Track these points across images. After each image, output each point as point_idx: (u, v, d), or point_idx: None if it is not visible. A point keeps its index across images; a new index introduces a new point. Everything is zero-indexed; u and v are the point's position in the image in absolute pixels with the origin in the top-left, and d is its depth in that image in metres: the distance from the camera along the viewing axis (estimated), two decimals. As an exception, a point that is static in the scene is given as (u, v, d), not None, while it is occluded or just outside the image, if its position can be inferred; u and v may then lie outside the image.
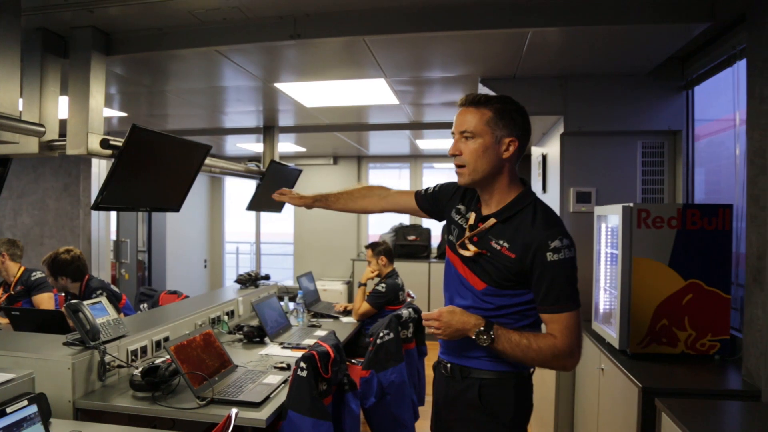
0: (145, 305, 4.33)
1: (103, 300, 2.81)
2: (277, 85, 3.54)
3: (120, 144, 2.50)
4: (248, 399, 2.36)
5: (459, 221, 1.84)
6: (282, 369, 2.84)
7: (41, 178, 6.14)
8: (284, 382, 2.60)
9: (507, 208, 1.71)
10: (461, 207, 1.86)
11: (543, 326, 1.72)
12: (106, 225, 6.20)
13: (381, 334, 3.13)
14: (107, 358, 2.56)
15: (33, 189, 6.18)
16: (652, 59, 3.01)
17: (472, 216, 1.79)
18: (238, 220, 9.08)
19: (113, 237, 6.44)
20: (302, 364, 2.32)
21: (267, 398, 2.41)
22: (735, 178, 2.60)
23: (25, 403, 1.76)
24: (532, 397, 1.81)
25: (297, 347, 3.31)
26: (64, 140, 2.57)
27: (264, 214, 8.73)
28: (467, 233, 1.75)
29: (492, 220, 1.71)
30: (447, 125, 5.39)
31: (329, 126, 5.17)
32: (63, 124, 2.60)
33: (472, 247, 1.72)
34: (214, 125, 5.28)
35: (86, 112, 2.52)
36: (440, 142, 6.50)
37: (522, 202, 1.70)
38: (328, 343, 2.54)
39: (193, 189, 3.01)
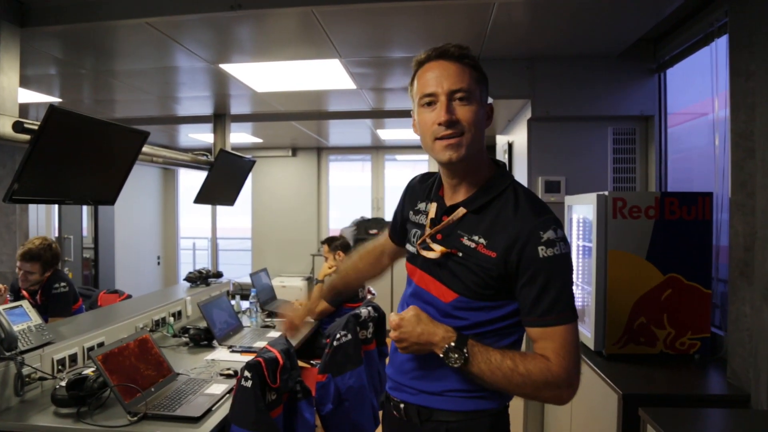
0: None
1: (25, 304, 2.51)
2: (223, 66, 3.25)
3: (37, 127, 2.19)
4: (186, 413, 2.09)
5: (418, 220, 1.50)
6: (229, 376, 2.58)
7: (-26, 170, 5.67)
8: (230, 391, 2.35)
9: (480, 194, 1.35)
10: (419, 204, 1.51)
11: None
12: (47, 220, 5.77)
13: (338, 336, 2.89)
14: (26, 370, 2.26)
15: (-36, 182, 5.71)
16: (622, 40, 2.85)
17: (433, 207, 1.43)
18: (194, 214, 8.70)
19: (55, 233, 6.01)
20: (246, 373, 2.06)
21: (208, 411, 2.15)
22: (714, 165, 2.44)
23: None
24: None
25: (247, 350, 3.04)
26: (-29, 123, 2.23)
27: (221, 208, 8.38)
28: (428, 230, 1.40)
29: (461, 210, 1.35)
30: (408, 113, 5.17)
31: (285, 114, 4.88)
32: None
33: (437, 247, 1.35)
34: (166, 113, 4.94)
35: (-6, 91, 2.20)
36: (402, 132, 6.28)
37: (499, 185, 1.35)
38: (276, 348, 2.29)
39: (144, 182, 2.72)
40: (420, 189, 1.56)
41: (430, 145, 1.35)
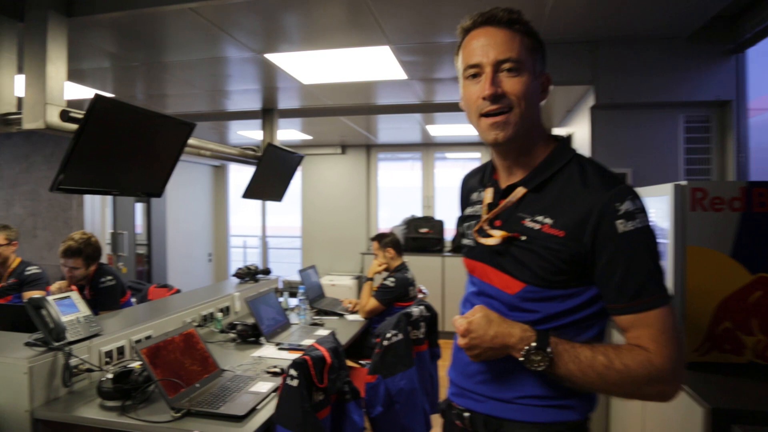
0: (134, 300, 4.01)
1: (74, 295, 2.50)
2: (269, 56, 3.18)
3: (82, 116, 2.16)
4: (230, 411, 2.01)
5: (473, 212, 1.36)
6: (275, 374, 2.50)
7: (33, 167, 5.86)
8: (276, 390, 2.26)
9: (539, 171, 1.21)
10: (473, 196, 1.38)
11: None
12: (102, 216, 5.91)
13: (388, 335, 2.77)
14: (74, 361, 2.24)
15: (25, 179, 5.89)
16: (695, 18, 2.62)
17: (488, 192, 1.30)
18: (245, 213, 8.78)
19: (110, 229, 6.14)
20: (292, 372, 1.97)
21: (253, 410, 2.06)
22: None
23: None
24: None
25: (295, 348, 2.96)
26: (21, 114, 2.23)
27: (271, 207, 8.42)
28: (485, 216, 1.27)
29: (520, 190, 1.21)
30: (457, 106, 4.98)
31: (333, 109, 4.80)
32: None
33: (496, 232, 1.21)
34: (215, 108, 4.95)
35: (43, 81, 2.18)
36: (452, 128, 6.11)
37: (560, 158, 1.21)
38: (324, 347, 2.19)
39: (195, 179, 2.68)
40: (472, 182, 1.42)
41: (475, 123, 1.22)
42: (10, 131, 2.28)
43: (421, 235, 7.03)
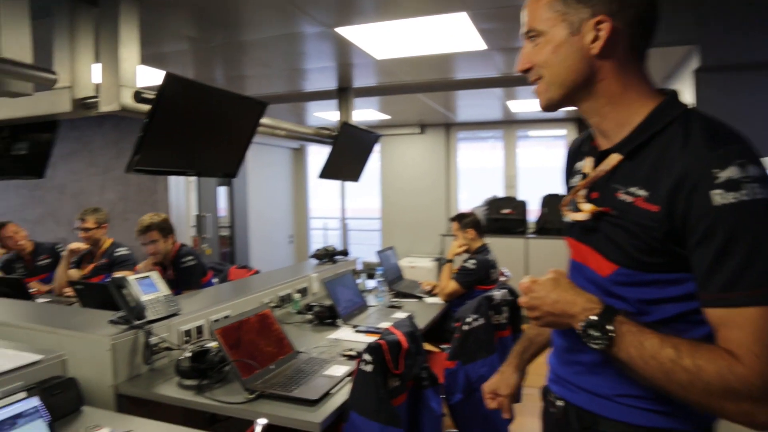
0: (216, 280, 4.09)
1: (153, 275, 2.54)
2: (340, 30, 3.08)
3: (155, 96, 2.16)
4: (303, 395, 1.96)
5: (573, 183, 1.21)
6: (351, 357, 2.43)
7: (122, 153, 6.14)
8: (351, 374, 2.19)
9: (636, 133, 1.02)
10: (576, 165, 1.23)
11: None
12: (186, 199, 6.12)
13: (468, 320, 2.65)
14: (154, 339, 2.28)
15: (116, 164, 6.20)
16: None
17: (589, 162, 1.14)
18: (326, 195, 8.86)
19: (194, 212, 6.35)
20: (366, 357, 1.89)
21: (326, 395, 2.00)
22: None
23: (21, 396, 1.45)
24: None
25: (372, 331, 2.89)
26: (98, 97, 2.26)
27: (351, 189, 8.44)
28: (577, 187, 1.13)
29: (614, 157, 1.04)
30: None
31: (409, 85, 4.66)
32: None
33: (586, 206, 1.07)
34: (292, 89, 4.94)
35: (116, 64, 2.20)
36: (535, 104, 5.78)
37: (662, 116, 1.01)
38: (401, 330, 2.09)
39: (275, 162, 2.66)
40: (576, 150, 1.26)
41: None
42: (90, 114, 2.32)
43: (503, 216, 6.80)
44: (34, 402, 1.47)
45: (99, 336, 2.13)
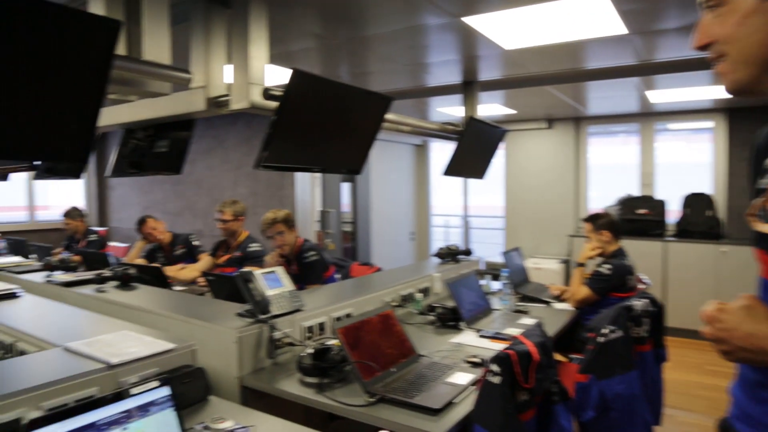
0: (338, 276, 4.14)
1: (279, 270, 2.59)
2: (466, 20, 2.94)
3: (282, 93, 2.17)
4: (425, 403, 1.87)
5: (764, 184, 1.01)
6: (475, 365, 2.31)
7: (254, 150, 6.38)
8: (475, 383, 2.08)
9: None
10: (766, 162, 1.02)
11: None
12: (311, 195, 6.29)
13: (604, 331, 2.42)
14: (277, 334, 2.30)
15: (248, 161, 6.51)
16: None
17: None
18: (447, 192, 8.76)
19: (319, 207, 6.52)
20: (494, 367, 1.76)
21: (449, 404, 1.90)
22: None
23: (155, 384, 1.49)
24: None
25: (497, 337, 2.75)
26: (229, 96, 2.33)
27: (474, 187, 8.27)
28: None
29: None
30: (686, 64, 4.28)
31: (538, 77, 4.40)
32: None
33: None
34: (416, 84, 4.89)
35: (246, 62, 2.25)
36: (678, 93, 5.27)
37: None
38: (531, 340, 1.94)
39: (398, 158, 2.63)
40: (765, 144, 1.04)
41: None
42: (222, 112, 2.39)
43: (638, 217, 6.30)
44: (166, 391, 1.51)
45: (227, 328, 2.20)
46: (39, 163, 3.08)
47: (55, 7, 1.35)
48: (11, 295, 2.75)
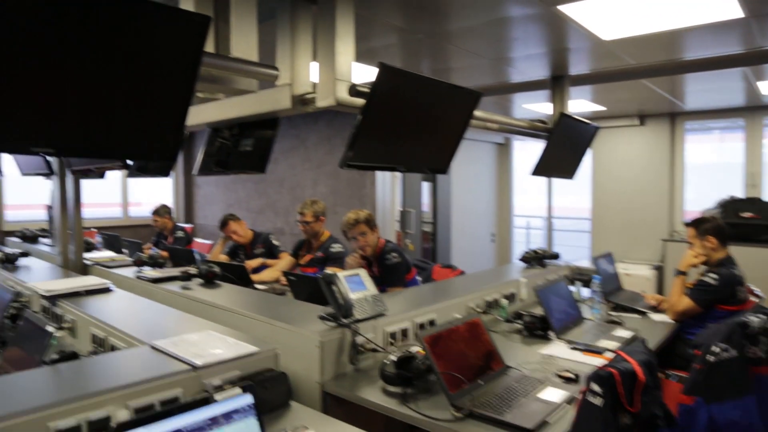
0: (419, 278, 4.05)
1: (362, 273, 2.53)
2: (561, 8, 2.77)
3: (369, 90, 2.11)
4: (517, 421, 1.75)
5: None
6: (568, 380, 2.16)
7: (335, 149, 6.47)
8: (570, 401, 1.93)
9: None
10: None
11: None
12: (392, 194, 6.23)
13: (715, 349, 2.20)
14: (360, 339, 2.25)
15: (328, 160, 6.55)
16: None
17: None
18: (529, 192, 8.49)
19: (399, 207, 6.46)
20: (595, 387, 1.61)
21: (543, 423, 1.77)
22: None
23: (238, 391, 1.45)
24: None
25: (589, 349, 2.57)
26: (315, 93, 2.29)
27: (558, 187, 7.95)
28: None
29: None
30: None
31: (635, 70, 4.12)
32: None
33: None
34: (499, 80, 4.73)
35: (333, 58, 2.20)
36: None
37: None
38: (635, 358, 1.77)
39: (479, 157, 2.53)
40: None
41: None
42: (307, 110, 2.36)
43: (743, 221, 5.81)
44: (249, 399, 1.48)
45: (309, 332, 2.16)
46: (131, 162, 3.18)
47: (147, 3, 1.34)
48: (105, 290, 2.85)
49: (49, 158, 3.73)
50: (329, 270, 4.00)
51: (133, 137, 1.47)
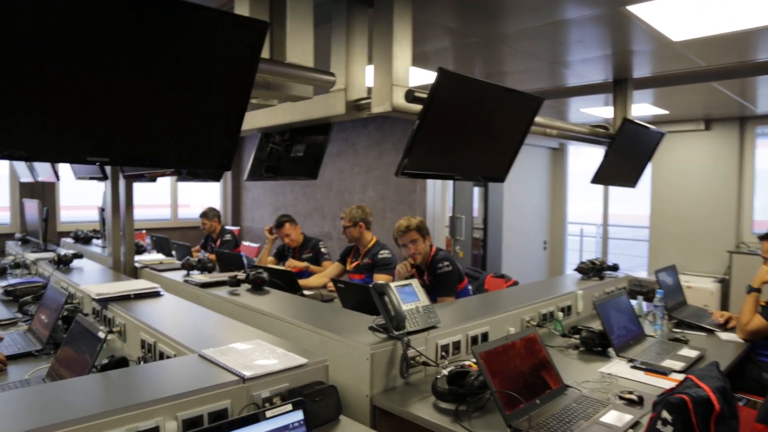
0: (470, 287, 3.98)
1: (414, 283, 2.49)
2: (631, 8, 2.66)
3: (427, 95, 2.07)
4: (579, 447, 1.68)
5: None
6: (631, 402, 2.06)
7: (384, 153, 6.46)
8: (634, 425, 1.84)
9: None
10: None
11: None
12: (442, 200, 6.17)
13: (798, 375, 2.06)
14: (411, 352, 2.20)
15: (378, 164, 6.54)
16: None
17: None
18: (583, 198, 8.28)
19: (449, 213, 6.39)
20: (665, 415, 1.53)
21: (607, 450, 1.69)
22: None
23: (288, 408, 1.43)
24: None
25: (653, 370, 2.45)
26: (370, 98, 2.27)
27: (613, 194, 7.72)
28: None
29: None
30: None
31: (705, 72, 3.95)
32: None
33: None
34: (555, 84, 4.62)
35: (390, 63, 2.18)
36: None
37: None
38: (708, 384, 1.67)
39: (533, 163, 2.47)
40: None
41: None
42: (362, 116, 2.34)
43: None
44: (299, 416, 1.46)
45: (360, 343, 2.13)
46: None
47: (203, 9, 1.34)
48: (155, 294, 2.89)
49: (102, 164, 3.84)
50: (377, 277, 4.02)
51: (188, 146, 1.47)
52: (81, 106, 1.34)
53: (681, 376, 2.14)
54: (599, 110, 5.93)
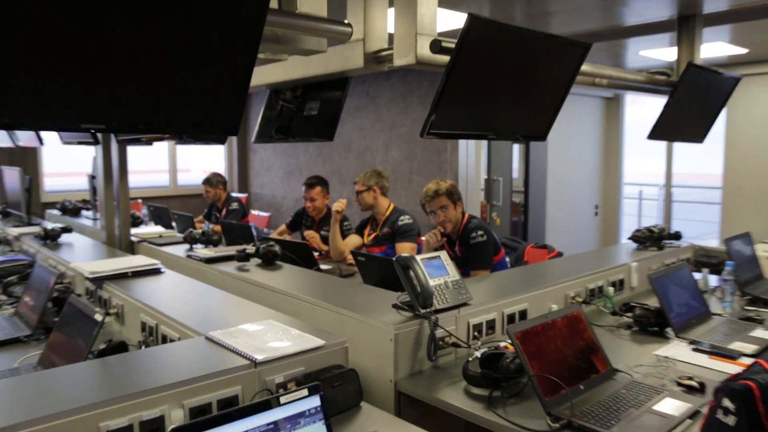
0: (508, 259, 4.03)
1: (443, 255, 2.54)
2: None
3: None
4: (627, 438, 1.74)
5: None
6: (691, 389, 2.10)
7: (409, 108, 6.45)
8: (693, 416, 1.89)
9: None
10: None
11: None
12: (476, 160, 6.18)
13: None
14: (439, 333, 2.27)
15: (402, 121, 6.55)
16: None
17: None
18: (643, 155, 8.19)
19: (484, 175, 6.40)
20: (727, 403, 1.56)
21: (660, 442, 1.74)
22: None
23: (304, 393, 1.51)
24: None
25: (718, 354, 2.48)
26: (392, 49, 2.28)
27: (679, 149, 7.62)
28: None
29: None
30: None
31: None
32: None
33: None
34: (610, 24, 4.56)
35: (414, 8, 2.17)
36: None
37: None
38: (778, 370, 1.70)
39: (582, 115, 2.48)
40: None
41: None
42: (382, 69, 2.37)
43: None
44: (316, 401, 1.53)
45: (382, 323, 2.20)
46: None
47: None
48: (155, 271, 2.98)
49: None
50: (400, 246, 4.09)
51: (191, 110, 1.51)
52: (72, 67, 1.37)
53: (752, 361, 2.17)
54: (664, 52, 5.82)
